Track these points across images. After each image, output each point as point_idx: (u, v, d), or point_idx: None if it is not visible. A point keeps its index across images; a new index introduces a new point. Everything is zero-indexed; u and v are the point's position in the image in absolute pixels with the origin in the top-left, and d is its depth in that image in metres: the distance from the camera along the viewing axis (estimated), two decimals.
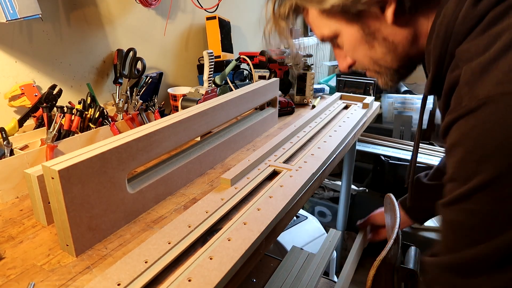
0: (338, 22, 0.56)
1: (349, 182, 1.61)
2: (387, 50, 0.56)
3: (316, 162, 0.85)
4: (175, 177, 0.75)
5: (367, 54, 0.58)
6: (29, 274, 0.53)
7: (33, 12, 0.80)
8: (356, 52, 0.59)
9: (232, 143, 0.93)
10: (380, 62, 0.59)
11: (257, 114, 1.08)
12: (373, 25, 0.55)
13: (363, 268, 1.94)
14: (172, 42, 1.38)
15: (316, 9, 0.57)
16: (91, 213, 0.57)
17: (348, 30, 0.57)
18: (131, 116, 0.98)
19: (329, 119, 1.17)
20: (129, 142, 0.62)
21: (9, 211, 0.69)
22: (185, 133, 0.76)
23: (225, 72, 1.26)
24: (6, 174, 0.71)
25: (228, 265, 0.53)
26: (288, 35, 0.63)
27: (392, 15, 0.52)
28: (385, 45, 0.56)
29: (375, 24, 0.55)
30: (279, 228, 0.68)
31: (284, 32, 0.62)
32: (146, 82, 1.11)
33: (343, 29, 0.57)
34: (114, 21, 1.14)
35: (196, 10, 1.44)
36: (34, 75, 0.96)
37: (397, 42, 0.55)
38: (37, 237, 0.61)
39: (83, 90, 1.08)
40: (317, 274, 1.12)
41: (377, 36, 0.55)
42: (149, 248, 0.55)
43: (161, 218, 0.67)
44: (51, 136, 0.80)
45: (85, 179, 0.55)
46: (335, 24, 0.57)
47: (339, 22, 0.56)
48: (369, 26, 0.55)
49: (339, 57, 0.64)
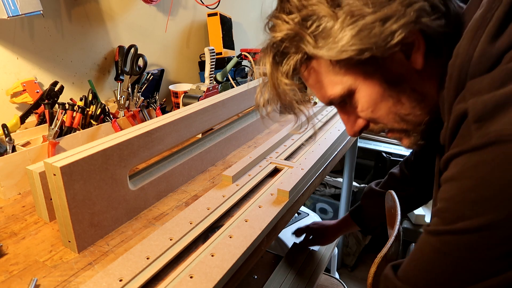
0: (355, 75, 0.46)
1: (351, 179, 1.61)
2: (416, 102, 0.47)
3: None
4: (177, 174, 0.75)
5: (391, 111, 0.48)
6: (31, 270, 0.53)
7: (35, 8, 0.80)
8: (377, 110, 0.48)
9: (234, 140, 0.93)
10: (407, 118, 0.48)
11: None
12: (399, 74, 0.45)
13: (364, 264, 1.96)
14: (174, 39, 1.38)
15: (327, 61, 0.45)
16: (93, 209, 0.57)
17: (367, 83, 0.46)
18: (132, 113, 0.98)
19: (331, 116, 1.17)
20: (130, 139, 0.62)
21: (11, 208, 0.69)
22: (187, 130, 0.76)
23: (227, 69, 1.26)
24: (8, 171, 0.71)
25: (230, 262, 0.53)
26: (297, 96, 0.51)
27: (422, 59, 0.43)
28: (414, 96, 0.46)
29: (400, 73, 0.45)
30: (280, 225, 0.68)
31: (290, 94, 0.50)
32: (147, 79, 1.11)
33: (361, 83, 0.46)
34: (116, 18, 1.14)
35: (198, 6, 1.44)
36: (36, 72, 0.96)
37: (426, 92, 0.46)
38: (40, 234, 0.61)
39: (84, 87, 1.08)
40: (319, 270, 1.13)
41: (404, 86, 0.46)
42: (150, 245, 0.56)
43: (162, 214, 0.67)
44: (53, 133, 0.80)
45: (86, 176, 0.55)
46: (351, 79, 0.46)
47: (356, 75, 0.46)
48: (394, 75, 0.45)
49: (349, 119, 0.53)
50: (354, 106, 0.49)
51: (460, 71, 0.40)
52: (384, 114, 0.48)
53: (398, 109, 0.47)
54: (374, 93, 0.46)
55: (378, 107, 0.48)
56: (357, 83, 0.46)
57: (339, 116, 0.54)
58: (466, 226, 0.35)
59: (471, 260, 0.36)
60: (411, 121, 0.49)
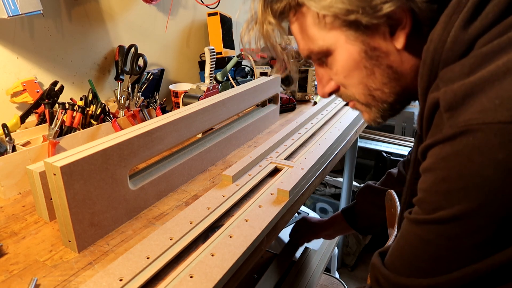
0: (337, 36, 0.46)
1: (351, 179, 1.61)
2: (388, 80, 0.48)
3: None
4: (177, 174, 0.75)
5: (362, 81, 0.49)
6: (31, 270, 0.53)
7: (35, 8, 0.80)
8: (349, 76, 0.49)
9: (234, 140, 0.93)
10: (375, 93, 0.49)
11: (258, 111, 1.08)
12: (379, 47, 0.46)
13: (365, 264, 1.96)
14: (174, 39, 1.38)
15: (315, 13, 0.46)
16: (93, 209, 0.57)
17: (347, 47, 0.47)
18: (132, 113, 0.98)
19: (331, 116, 1.17)
20: (130, 139, 0.62)
21: (11, 207, 0.69)
22: (187, 130, 0.76)
23: (227, 68, 1.26)
24: (8, 170, 0.71)
25: (230, 262, 0.53)
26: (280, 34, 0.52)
27: (405, 39, 0.44)
28: (388, 73, 0.47)
29: (381, 47, 0.45)
30: (280, 225, 0.68)
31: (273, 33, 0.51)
32: (147, 78, 1.11)
33: (341, 46, 0.47)
34: (116, 17, 1.14)
35: (198, 6, 1.44)
36: (36, 72, 0.96)
37: (401, 72, 0.47)
38: (40, 233, 0.61)
39: (84, 87, 1.08)
40: (319, 270, 1.13)
41: (381, 61, 0.46)
42: (151, 244, 0.56)
43: (162, 214, 0.67)
44: (53, 133, 0.80)
45: (87, 176, 0.55)
46: (333, 38, 0.47)
47: (338, 36, 0.46)
48: (374, 48, 0.46)
49: (322, 78, 0.54)
50: (329, 67, 0.51)
51: (433, 57, 0.40)
52: (355, 83, 0.49)
53: (369, 82, 0.48)
54: (351, 59, 0.47)
55: (351, 74, 0.49)
56: (338, 45, 0.47)
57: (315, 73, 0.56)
58: (442, 216, 0.36)
59: (451, 248, 0.37)
60: (377, 97, 0.50)
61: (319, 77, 0.55)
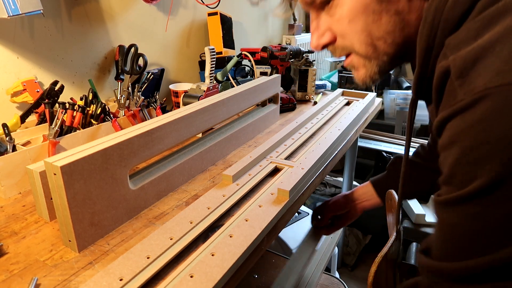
0: None
1: (351, 179, 1.61)
2: (393, 28, 0.46)
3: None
4: (177, 174, 0.75)
5: (366, 28, 0.47)
6: (32, 269, 0.53)
7: (35, 7, 0.80)
8: (354, 21, 0.47)
9: (234, 140, 0.93)
10: (377, 43, 0.47)
11: (258, 111, 1.08)
12: None
13: (365, 264, 1.96)
14: (174, 38, 1.38)
15: None
16: (93, 209, 0.57)
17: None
18: (132, 113, 0.98)
19: (331, 116, 1.17)
20: (130, 139, 0.63)
21: (12, 207, 0.69)
22: (187, 130, 0.77)
23: (227, 68, 1.26)
24: (8, 170, 0.71)
25: (230, 261, 0.53)
26: None
27: None
28: (394, 20, 0.45)
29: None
30: (280, 225, 0.68)
31: None
32: (147, 78, 1.11)
33: None
34: (116, 17, 1.14)
35: (198, 6, 1.44)
36: (36, 71, 0.96)
37: (407, 21, 0.45)
38: (40, 233, 0.61)
39: (84, 86, 1.08)
40: (319, 270, 1.13)
41: (390, 6, 0.45)
42: (151, 244, 0.56)
43: (163, 214, 0.67)
44: (53, 132, 0.80)
45: (87, 175, 0.55)
46: None
47: None
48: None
49: (318, 28, 0.52)
50: (332, 13, 0.49)
51: (434, 15, 0.40)
52: (358, 30, 0.47)
53: (374, 29, 0.46)
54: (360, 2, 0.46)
55: (357, 19, 0.47)
56: None
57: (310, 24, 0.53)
58: (480, 185, 0.34)
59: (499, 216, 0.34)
60: (379, 47, 0.48)
61: (315, 28, 0.52)
